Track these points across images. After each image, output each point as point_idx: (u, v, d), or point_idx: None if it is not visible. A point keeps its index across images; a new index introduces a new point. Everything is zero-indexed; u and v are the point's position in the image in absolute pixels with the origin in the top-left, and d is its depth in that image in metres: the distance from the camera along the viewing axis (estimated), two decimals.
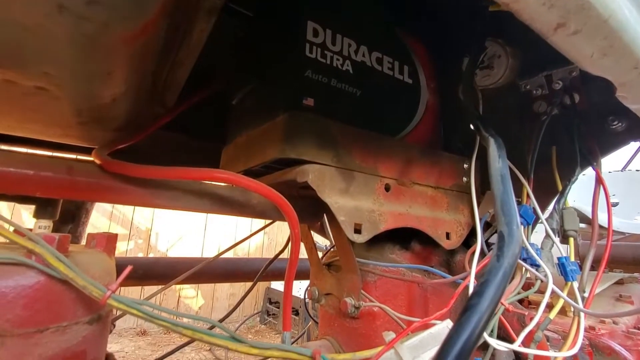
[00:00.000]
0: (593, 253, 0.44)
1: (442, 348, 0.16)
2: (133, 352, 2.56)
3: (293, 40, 0.42)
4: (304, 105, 0.41)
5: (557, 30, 0.22)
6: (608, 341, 0.79)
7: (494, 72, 0.53)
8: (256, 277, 0.93)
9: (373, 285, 0.48)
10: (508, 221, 0.21)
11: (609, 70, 0.28)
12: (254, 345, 0.28)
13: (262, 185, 0.35)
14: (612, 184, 1.50)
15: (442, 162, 0.50)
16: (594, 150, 0.46)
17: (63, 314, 0.27)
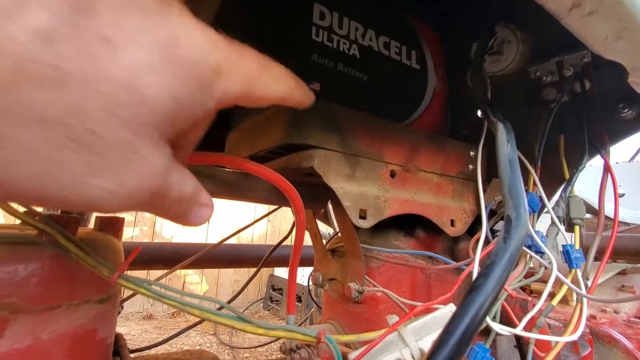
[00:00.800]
0: (598, 241, 0.44)
1: (448, 327, 0.16)
2: (139, 335, 2.62)
3: (299, 24, 0.42)
4: (310, 90, 0.40)
5: (572, 10, 0.22)
6: (608, 329, 0.79)
7: (504, 58, 0.52)
8: (260, 263, 0.94)
9: (377, 271, 0.48)
10: (516, 205, 0.21)
11: (623, 54, 0.27)
12: (260, 325, 0.29)
13: (267, 169, 0.35)
14: (619, 175, 1.48)
15: (448, 149, 0.50)
16: (603, 138, 0.45)
17: (74, 292, 0.27)
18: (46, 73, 0.11)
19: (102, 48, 0.12)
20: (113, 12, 0.12)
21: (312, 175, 0.40)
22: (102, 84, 0.12)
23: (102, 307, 0.29)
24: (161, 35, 0.14)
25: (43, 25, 0.11)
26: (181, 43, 0.14)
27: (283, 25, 0.45)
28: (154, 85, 0.13)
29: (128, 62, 0.13)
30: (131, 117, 0.13)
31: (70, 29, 0.12)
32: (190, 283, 3.39)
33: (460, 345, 0.15)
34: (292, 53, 0.43)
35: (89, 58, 0.12)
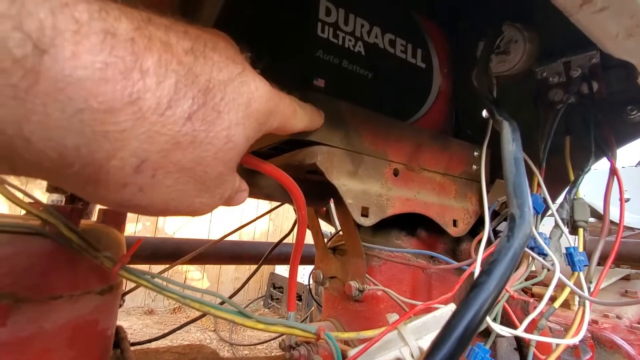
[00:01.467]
0: (602, 245, 0.43)
1: (449, 323, 0.16)
2: (141, 329, 2.64)
3: (305, 19, 0.42)
4: (315, 86, 0.40)
5: (583, 6, 0.21)
6: (610, 335, 0.79)
7: (510, 57, 0.52)
8: (261, 260, 0.94)
9: (378, 270, 0.48)
10: (520, 203, 0.20)
11: (634, 53, 0.27)
12: (260, 320, 0.29)
13: (270, 165, 0.34)
14: (626, 179, 1.47)
15: (452, 148, 0.50)
16: (609, 140, 0.45)
17: (76, 283, 0.28)
18: (186, 140, 0.17)
19: (214, 116, 0.18)
20: (220, 88, 0.19)
21: (314, 173, 0.40)
22: (214, 140, 0.19)
23: (104, 299, 0.29)
24: (244, 99, 0.20)
25: (187, 113, 0.17)
26: (254, 100, 0.21)
27: (289, 21, 0.45)
28: (239, 134, 0.20)
29: (228, 123, 0.19)
30: (226, 158, 0.20)
31: (202, 109, 0.18)
32: (191, 279, 3.41)
33: (460, 343, 0.15)
34: (298, 49, 0.43)
35: (209, 126, 0.18)
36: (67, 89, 0.14)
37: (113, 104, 0.15)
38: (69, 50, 0.14)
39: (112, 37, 0.15)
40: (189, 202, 0.20)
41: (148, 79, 0.16)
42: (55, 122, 0.14)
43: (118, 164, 0.16)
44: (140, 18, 0.17)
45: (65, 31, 0.14)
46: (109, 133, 0.15)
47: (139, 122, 0.16)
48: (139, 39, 0.16)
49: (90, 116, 0.15)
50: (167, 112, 0.16)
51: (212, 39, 0.20)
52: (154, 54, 0.16)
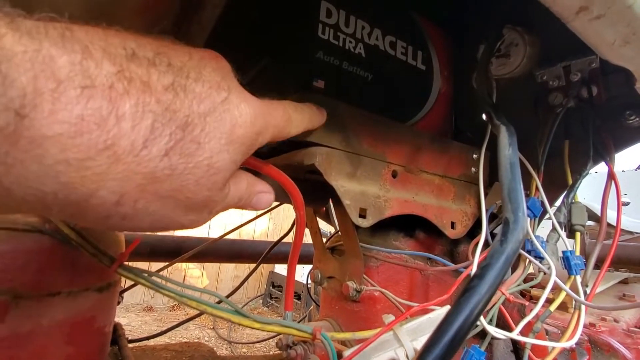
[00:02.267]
0: (599, 249, 0.43)
1: (440, 326, 0.16)
2: (139, 326, 2.65)
3: (305, 20, 0.42)
4: (315, 87, 0.41)
5: (579, 14, 0.21)
6: (607, 338, 0.79)
7: (511, 61, 0.52)
8: (260, 258, 0.94)
9: (375, 271, 0.48)
10: (514, 208, 0.21)
11: (631, 60, 0.27)
12: (257, 319, 0.29)
13: (268, 165, 0.35)
14: (625, 183, 1.48)
15: (451, 151, 0.50)
16: (608, 144, 0.45)
17: (74, 280, 0.28)
18: (165, 173, 0.18)
19: (194, 148, 0.19)
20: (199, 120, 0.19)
21: (314, 173, 0.41)
22: (195, 170, 0.19)
23: (102, 296, 0.30)
24: (227, 126, 0.20)
25: (164, 150, 0.18)
26: (238, 125, 0.21)
27: (289, 22, 0.45)
28: (223, 160, 0.20)
29: (209, 153, 0.19)
30: (209, 184, 0.20)
31: (180, 144, 0.18)
32: (190, 277, 3.42)
33: (451, 346, 0.15)
34: (298, 50, 0.43)
35: (188, 158, 0.19)
36: (44, 144, 0.15)
37: (88, 153, 0.16)
38: (47, 109, 0.14)
39: (90, 89, 0.15)
40: (175, 221, 0.21)
41: (124, 123, 0.16)
42: (33, 174, 0.15)
43: (97, 202, 0.17)
44: (124, 54, 0.17)
45: (44, 92, 0.14)
46: (85, 177, 0.16)
47: (113, 165, 0.16)
48: (118, 84, 0.16)
49: (65, 166, 0.15)
50: (142, 152, 0.17)
51: (198, 65, 0.20)
52: (131, 98, 0.16)
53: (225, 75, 0.22)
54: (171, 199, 0.19)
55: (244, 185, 0.24)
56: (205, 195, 0.20)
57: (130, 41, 0.18)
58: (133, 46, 0.18)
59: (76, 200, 0.16)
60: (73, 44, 0.15)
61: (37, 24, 0.15)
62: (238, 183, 0.24)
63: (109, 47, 0.17)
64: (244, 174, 0.25)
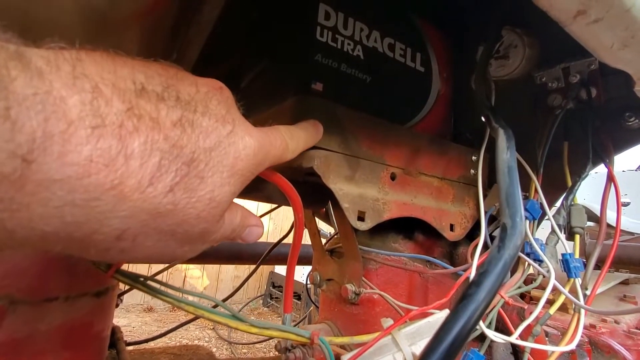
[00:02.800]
0: (599, 251, 0.43)
1: (437, 334, 0.16)
2: (140, 327, 2.65)
3: (304, 23, 0.42)
4: (313, 90, 0.41)
5: (577, 18, 0.21)
6: (608, 340, 0.79)
7: (510, 62, 0.52)
8: (260, 259, 0.94)
9: (374, 273, 0.48)
10: (512, 213, 0.20)
11: (629, 63, 0.27)
12: (254, 324, 0.29)
13: (267, 169, 0.35)
14: (625, 183, 1.47)
15: (450, 153, 0.50)
16: (607, 146, 0.45)
17: (71, 285, 0.28)
18: (168, 208, 0.18)
19: (197, 183, 0.19)
20: (205, 155, 0.19)
21: (313, 175, 0.40)
22: (196, 204, 0.19)
23: (99, 301, 0.30)
24: (230, 160, 0.20)
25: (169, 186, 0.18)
26: (240, 159, 0.21)
27: (288, 25, 0.45)
28: (224, 194, 0.20)
29: (212, 187, 0.19)
30: (209, 216, 0.20)
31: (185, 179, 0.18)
32: (191, 277, 3.42)
33: (448, 353, 0.15)
34: (296, 53, 0.43)
35: (191, 192, 0.19)
36: (52, 188, 0.14)
37: (95, 193, 0.15)
38: (57, 151, 0.14)
39: (100, 129, 0.15)
40: (170, 254, 0.21)
41: (132, 161, 0.16)
42: (37, 216, 0.15)
43: (100, 238, 0.17)
44: (134, 89, 0.17)
45: (54, 134, 0.14)
46: (90, 216, 0.16)
47: (119, 203, 0.16)
48: (128, 122, 0.16)
49: (71, 207, 0.15)
50: (148, 189, 0.17)
51: (205, 98, 0.20)
52: (140, 135, 0.16)
53: (230, 108, 0.22)
54: (170, 233, 0.19)
55: (238, 217, 0.24)
56: (202, 227, 0.20)
57: (140, 73, 0.18)
58: (142, 79, 0.18)
59: (80, 237, 0.16)
60: (84, 82, 0.15)
61: (47, 57, 0.15)
62: (232, 215, 0.24)
63: (118, 81, 0.16)
64: (237, 206, 0.25)
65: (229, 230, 0.24)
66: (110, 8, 0.23)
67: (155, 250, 0.19)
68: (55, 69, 0.15)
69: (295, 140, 0.30)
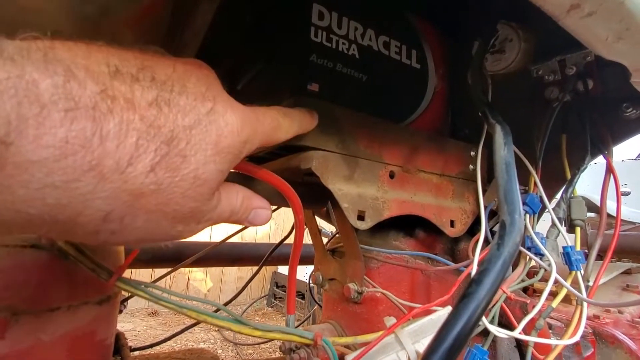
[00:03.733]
0: (600, 242, 0.43)
1: (439, 334, 0.16)
2: (145, 331, 2.65)
3: (298, 24, 0.42)
4: (309, 91, 0.40)
5: (570, 12, 0.21)
6: (612, 330, 0.79)
7: (506, 56, 0.52)
8: (262, 261, 0.94)
9: (376, 272, 0.48)
10: (511, 210, 0.20)
11: (624, 55, 0.27)
12: (257, 327, 0.29)
13: (265, 171, 0.35)
14: (625, 173, 1.47)
15: (448, 149, 0.50)
16: (605, 138, 0.45)
17: (73, 294, 0.28)
18: (151, 188, 0.18)
19: (180, 162, 0.19)
20: (184, 134, 0.19)
21: (313, 175, 0.40)
22: (181, 183, 0.19)
23: (102, 309, 0.30)
24: (213, 137, 0.20)
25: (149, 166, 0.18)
26: (223, 136, 0.21)
27: (282, 26, 0.45)
28: (210, 171, 0.20)
29: (195, 165, 0.19)
30: (196, 194, 0.20)
31: (165, 158, 0.18)
32: (194, 280, 3.42)
33: (450, 352, 0.15)
34: (291, 54, 0.42)
35: (174, 171, 0.19)
36: (30, 169, 0.15)
37: (74, 174, 0.16)
38: (32, 134, 0.14)
39: (73, 111, 0.15)
40: (164, 233, 0.21)
41: (108, 142, 0.16)
42: (19, 198, 0.15)
43: (85, 220, 0.17)
44: (108, 72, 0.17)
45: (28, 117, 0.14)
46: (72, 197, 0.16)
47: (100, 184, 0.16)
48: (102, 103, 0.16)
49: (52, 189, 0.15)
50: (127, 170, 0.17)
51: (183, 77, 0.20)
52: (115, 116, 0.16)
53: (210, 85, 0.21)
54: (158, 212, 0.19)
55: (239, 199, 0.24)
56: (192, 206, 0.20)
57: (114, 57, 0.18)
58: (116, 62, 0.18)
59: (64, 219, 0.16)
60: (56, 65, 0.15)
61: (20, 46, 0.15)
62: (230, 196, 0.24)
63: (91, 65, 0.17)
64: (239, 188, 0.25)
65: (227, 211, 0.23)
66: (102, 16, 0.23)
67: (147, 230, 0.19)
68: (27, 55, 0.15)
69: (289, 119, 0.29)
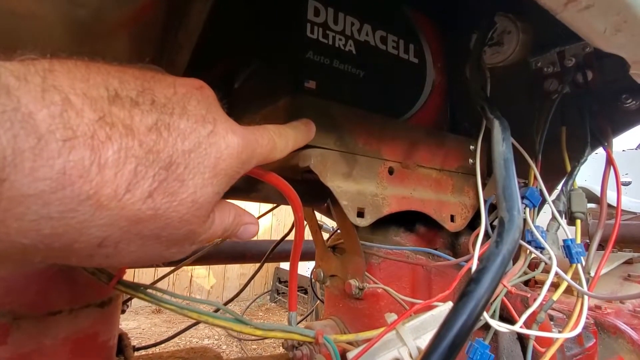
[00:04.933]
0: (600, 234, 0.43)
1: (439, 332, 0.16)
2: (149, 329, 2.67)
3: (293, 21, 0.41)
4: (306, 88, 0.40)
5: (568, 5, 0.21)
6: (614, 320, 0.79)
7: (504, 48, 0.51)
8: (263, 258, 0.94)
9: (377, 268, 0.48)
10: (509, 207, 0.20)
11: (623, 47, 0.26)
12: (258, 326, 0.29)
13: (264, 170, 0.35)
14: (626, 162, 1.47)
15: (447, 143, 0.49)
16: (605, 129, 0.44)
17: (74, 297, 0.28)
18: (148, 214, 0.18)
19: (178, 186, 0.19)
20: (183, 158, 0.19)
21: (311, 173, 0.40)
22: (178, 207, 0.19)
23: (103, 311, 0.30)
24: (211, 160, 0.20)
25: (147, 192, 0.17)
26: (222, 159, 0.21)
27: (278, 24, 0.45)
28: (207, 194, 0.20)
29: (193, 189, 0.19)
30: (193, 217, 0.20)
31: (163, 184, 0.18)
32: (197, 277, 3.44)
33: (450, 350, 0.15)
34: (287, 51, 0.42)
35: (172, 196, 0.18)
36: (25, 202, 0.14)
37: (70, 204, 0.15)
38: (28, 167, 0.14)
39: (71, 141, 0.15)
40: (158, 255, 0.21)
41: (106, 171, 0.16)
42: (14, 230, 0.15)
43: (80, 246, 0.17)
44: (107, 96, 0.17)
45: (25, 150, 0.14)
46: (68, 226, 0.16)
47: (97, 212, 0.16)
48: (100, 131, 0.16)
49: (47, 220, 0.15)
50: (125, 197, 0.17)
51: (183, 99, 0.20)
52: (114, 144, 0.16)
53: (210, 107, 0.21)
54: (154, 237, 0.19)
55: (231, 216, 0.24)
56: (188, 229, 0.20)
57: (114, 79, 0.17)
58: (116, 85, 0.17)
59: (59, 247, 0.16)
60: (53, 94, 0.15)
61: (17, 70, 0.15)
62: (223, 215, 0.23)
63: (90, 89, 0.16)
64: (231, 206, 0.25)
65: (220, 229, 0.23)
66: (95, 19, 0.23)
67: (141, 254, 0.19)
68: (24, 84, 0.14)
69: (284, 139, 0.29)
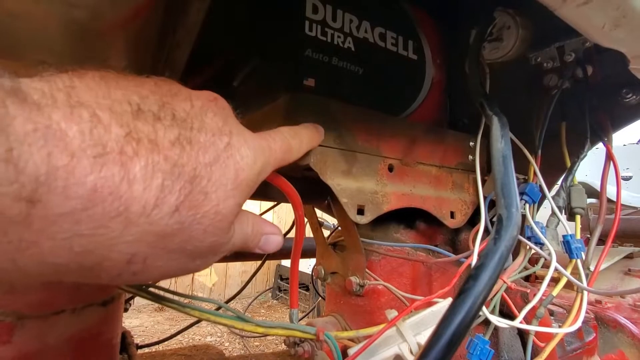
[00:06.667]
0: (600, 229, 0.43)
1: (437, 329, 0.16)
2: (152, 326, 2.69)
3: (292, 18, 0.41)
4: (305, 86, 0.40)
5: (566, 1, 0.21)
6: (614, 314, 0.79)
7: (503, 44, 0.51)
8: (265, 256, 0.95)
9: (377, 264, 0.48)
10: (507, 204, 0.20)
11: (622, 42, 0.26)
12: (260, 324, 0.29)
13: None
14: (626, 157, 1.47)
15: (447, 140, 0.49)
16: (605, 124, 0.44)
17: (77, 296, 0.28)
18: (174, 228, 0.18)
19: (202, 199, 0.19)
20: (206, 171, 0.19)
21: (311, 171, 0.40)
22: (202, 219, 0.19)
23: (106, 310, 0.30)
24: (231, 172, 0.20)
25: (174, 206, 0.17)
26: (241, 169, 0.21)
27: (276, 21, 0.45)
28: (229, 206, 0.20)
29: (216, 201, 0.19)
30: (216, 229, 0.20)
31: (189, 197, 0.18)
32: (199, 275, 3.45)
33: (448, 347, 0.16)
34: (286, 49, 0.42)
35: (196, 209, 0.18)
36: (58, 221, 0.14)
37: (101, 221, 0.15)
38: (61, 186, 0.14)
39: (102, 157, 0.15)
40: (183, 268, 0.21)
41: (135, 186, 0.16)
42: (47, 249, 0.15)
43: (110, 264, 0.17)
44: (130, 111, 0.17)
45: (58, 168, 0.14)
46: (98, 244, 0.16)
47: (126, 229, 0.16)
48: (127, 147, 0.16)
49: (79, 238, 0.15)
50: (153, 212, 0.17)
51: (200, 112, 0.20)
52: (141, 159, 0.16)
53: (226, 119, 0.21)
54: (179, 250, 0.19)
55: (250, 226, 0.24)
56: (211, 241, 0.20)
57: (133, 94, 0.17)
58: (137, 100, 0.17)
59: (90, 265, 0.16)
60: (81, 110, 0.15)
61: (41, 89, 0.14)
62: (242, 224, 0.24)
63: (114, 105, 0.16)
64: (249, 215, 0.25)
65: (240, 240, 0.23)
66: (92, 19, 0.23)
67: (167, 268, 0.19)
68: (51, 101, 0.14)
69: (299, 138, 0.29)
